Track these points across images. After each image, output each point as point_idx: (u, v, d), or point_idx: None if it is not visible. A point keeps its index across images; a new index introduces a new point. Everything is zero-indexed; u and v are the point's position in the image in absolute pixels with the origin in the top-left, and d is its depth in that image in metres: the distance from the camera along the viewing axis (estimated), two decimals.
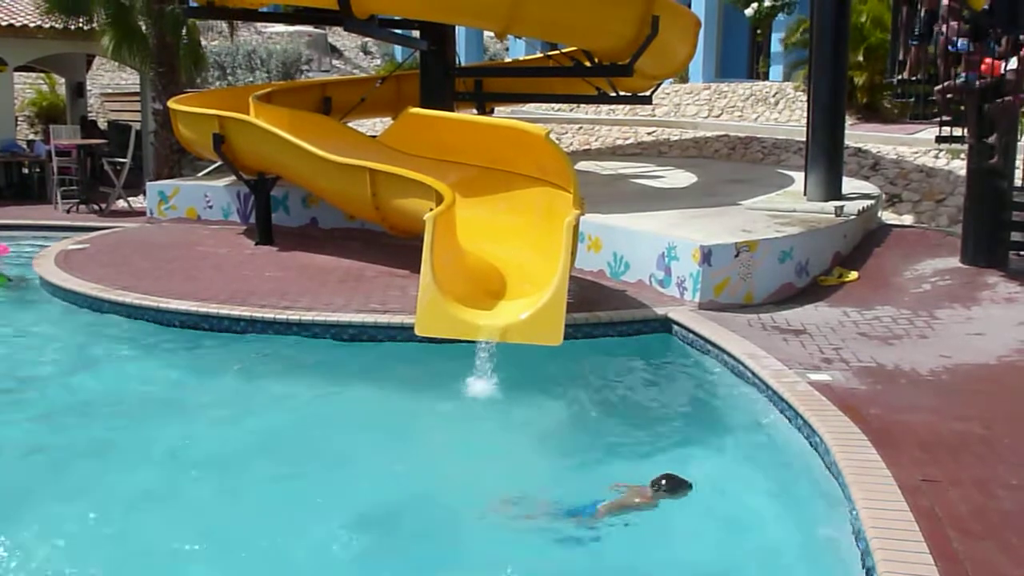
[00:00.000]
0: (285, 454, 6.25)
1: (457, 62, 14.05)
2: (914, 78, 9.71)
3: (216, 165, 14.36)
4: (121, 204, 15.37)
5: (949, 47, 9.02)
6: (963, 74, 8.75)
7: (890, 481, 4.92)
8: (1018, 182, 9.54)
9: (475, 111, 14.46)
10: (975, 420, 5.84)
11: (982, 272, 9.30)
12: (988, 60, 8.75)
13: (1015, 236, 9.63)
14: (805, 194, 11.16)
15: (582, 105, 19.38)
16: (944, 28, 9.03)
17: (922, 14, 9.37)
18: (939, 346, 7.41)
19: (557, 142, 10.06)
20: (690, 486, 5.48)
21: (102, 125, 21.49)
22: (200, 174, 15.17)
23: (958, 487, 4.90)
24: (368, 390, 7.39)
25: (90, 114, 22.49)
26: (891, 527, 4.41)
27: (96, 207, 15.33)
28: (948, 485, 4.92)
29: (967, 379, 6.71)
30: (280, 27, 29.23)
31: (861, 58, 15.63)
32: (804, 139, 11.60)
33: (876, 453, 5.28)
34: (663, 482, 5.46)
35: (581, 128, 19.03)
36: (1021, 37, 8.59)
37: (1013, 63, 8.58)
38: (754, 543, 4.92)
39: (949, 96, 9.14)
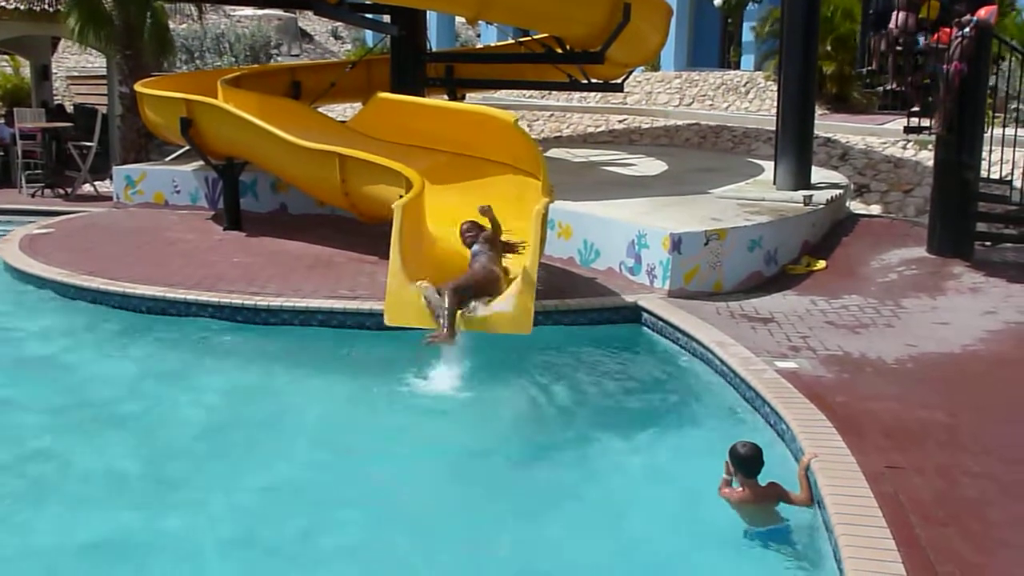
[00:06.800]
0: (252, 441, 6.23)
1: (428, 48, 13.99)
2: (880, 68, 9.77)
3: (184, 150, 14.20)
4: (87, 188, 15.19)
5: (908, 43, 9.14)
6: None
7: (855, 468, 4.97)
8: (984, 173, 9.63)
9: (446, 97, 14.39)
10: (939, 408, 5.90)
11: (948, 262, 9.40)
12: (945, 29, 8.91)
13: (980, 227, 9.74)
14: (775, 183, 11.20)
15: (553, 92, 19.35)
16: (897, 20, 9.13)
17: (879, 5, 9.45)
18: (905, 335, 7.48)
19: (527, 129, 10.04)
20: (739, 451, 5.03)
21: (68, 108, 21.20)
22: (168, 159, 15.01)
23: (921, 474, 4.95)
24: (334, 377, 7.37)
25: (56, 97, 22.17)
26: (855, 513, 4.45)
27: (62, 191, 15.16)
28: (912, 472, 4.97)
29: (932, 368, 6.77)
30: (249, 10, 28.93)
31: (830, 48, 15.71)
32: (774, 129, 11.65)
33: (841, 440, 5.33)
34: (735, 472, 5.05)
35: (552, 115, 19.01)
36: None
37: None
38: (719, 530, 4.94)
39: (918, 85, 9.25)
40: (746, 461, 4.99)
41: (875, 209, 12.05)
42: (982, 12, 8.84)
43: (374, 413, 6.71)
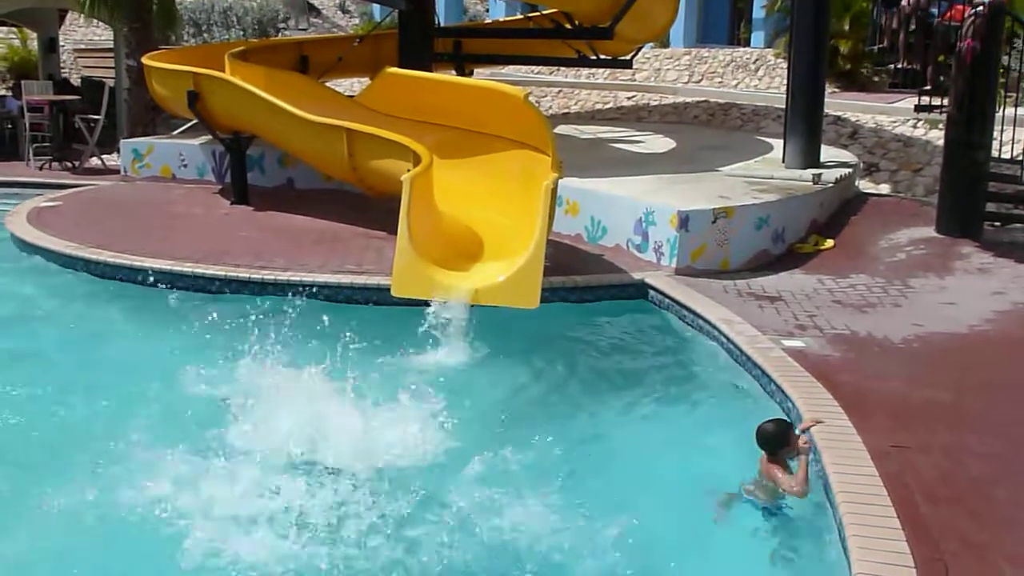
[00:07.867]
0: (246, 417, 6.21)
1: (436, 22, 13.92)
2: (891, 46, 9.73)
3: (191, 123, 14.19)
4: (94, 162, 15.18)
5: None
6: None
7: (860, 447, 4.97)
8: (994, 153, 9.58)
9: (454, 72, 14.34)
10: (945, 388, 5.90)
11: (957, 242, 9.36)
12: (958, 7, 8.87)
13: (990, 207, 9.70)
14: (783, 161, 11.14)
15: (562, 68, 19.26)
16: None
17: None
18: (912, 315, 7.47)
19: (536, 105, 9.99)
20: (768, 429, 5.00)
21: (75, 81, 21.15)
22: (175, 132, 14.99)
23: (927, 454, 4.96)
24: (340, 352, 7.35)
25: (63, 70, 22.12)
26: (860, 492, 4.46)
27: (69, 164, 15.14)
28: (917, 452, 4.97)
29: (939, 348, 6.77)
30: None
31: (847, 27, 15.58)
32: (783, 106, 11.57)
33: (847, 419, 5.33)
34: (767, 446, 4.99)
35: (560, 92, 18.92)
36: None
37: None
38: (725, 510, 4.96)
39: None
40: (758, 439, 4.96)
41: (884, 188, 12.00)
42: None
43: (375, 390, 6.68)
